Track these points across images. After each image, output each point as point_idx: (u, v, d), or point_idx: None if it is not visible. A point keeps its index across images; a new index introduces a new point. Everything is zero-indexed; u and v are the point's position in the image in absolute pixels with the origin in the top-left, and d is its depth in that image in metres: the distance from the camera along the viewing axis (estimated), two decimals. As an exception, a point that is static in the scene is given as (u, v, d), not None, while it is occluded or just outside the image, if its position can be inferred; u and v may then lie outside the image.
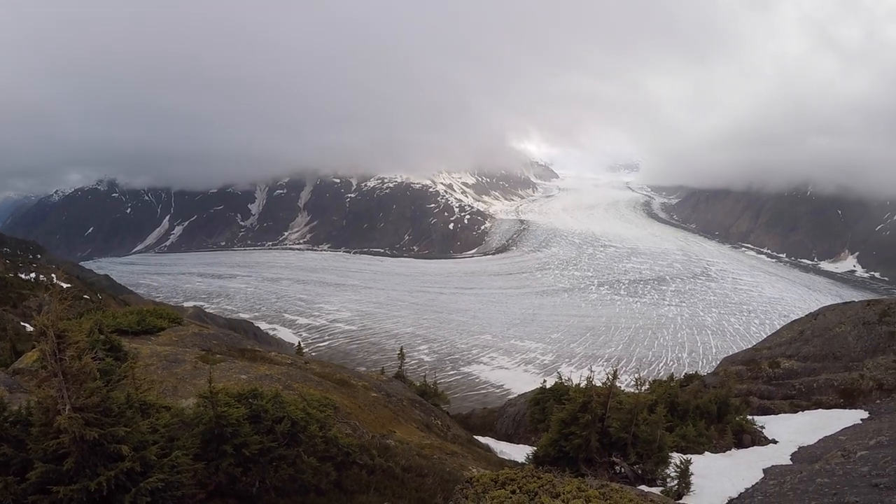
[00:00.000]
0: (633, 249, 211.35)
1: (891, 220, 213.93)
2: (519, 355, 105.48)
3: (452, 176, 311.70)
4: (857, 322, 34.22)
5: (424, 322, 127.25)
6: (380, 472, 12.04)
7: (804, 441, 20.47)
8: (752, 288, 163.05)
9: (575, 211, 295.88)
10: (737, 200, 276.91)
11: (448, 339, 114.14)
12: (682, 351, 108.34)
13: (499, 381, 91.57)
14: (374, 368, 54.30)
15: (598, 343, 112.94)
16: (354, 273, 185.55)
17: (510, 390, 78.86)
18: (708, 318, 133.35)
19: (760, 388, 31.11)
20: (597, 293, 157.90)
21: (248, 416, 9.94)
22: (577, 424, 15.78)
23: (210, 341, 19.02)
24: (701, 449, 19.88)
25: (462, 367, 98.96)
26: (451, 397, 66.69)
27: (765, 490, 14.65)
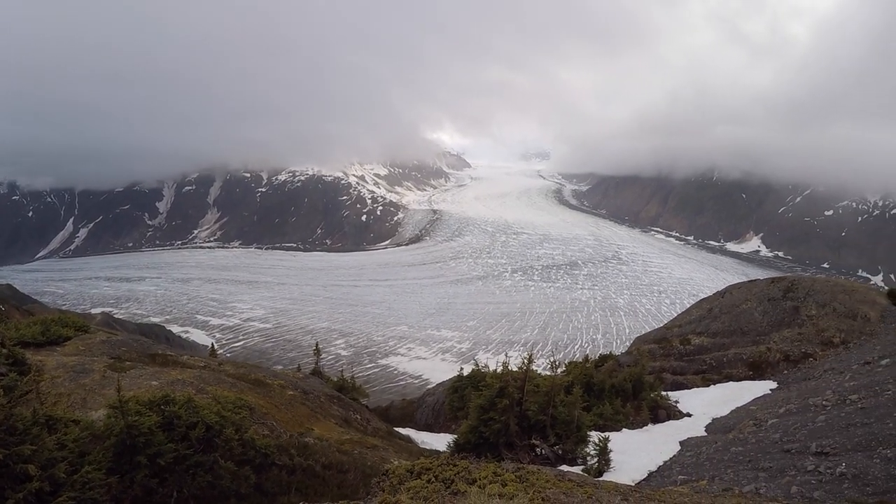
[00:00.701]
0: (545, 236, 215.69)
1: (792, 203, 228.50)
2: (436, 345, 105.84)
3: (364, 167, 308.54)
4: (762, 298, 35.92)
5: (340, 316, 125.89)
6: (300, 471, 11.61)
7: (717, 413, 21.19)
8: (661, 269, 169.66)
9: (487, 200, 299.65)
10: (645, 186, 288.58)
11: (364, 332, 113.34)
12: (596, 332, 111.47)
13: (417, 372, 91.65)
14: (292, 366, 53.12)
15: (514, 329, 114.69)
16: (267, 270, 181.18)
17: (429, 380, 79.09)
18: (620, 299, 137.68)
19: (673, 364, 32.14)
20: (511, 280, 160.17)
21: (161, 423, 9.39)
22: (495, 410, 15.78)
23: (119, 348, 17.94)
24: (619, 426, 20.26)
25: (380, 359, 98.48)
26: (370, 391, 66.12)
27: (682, 461, 14.97)
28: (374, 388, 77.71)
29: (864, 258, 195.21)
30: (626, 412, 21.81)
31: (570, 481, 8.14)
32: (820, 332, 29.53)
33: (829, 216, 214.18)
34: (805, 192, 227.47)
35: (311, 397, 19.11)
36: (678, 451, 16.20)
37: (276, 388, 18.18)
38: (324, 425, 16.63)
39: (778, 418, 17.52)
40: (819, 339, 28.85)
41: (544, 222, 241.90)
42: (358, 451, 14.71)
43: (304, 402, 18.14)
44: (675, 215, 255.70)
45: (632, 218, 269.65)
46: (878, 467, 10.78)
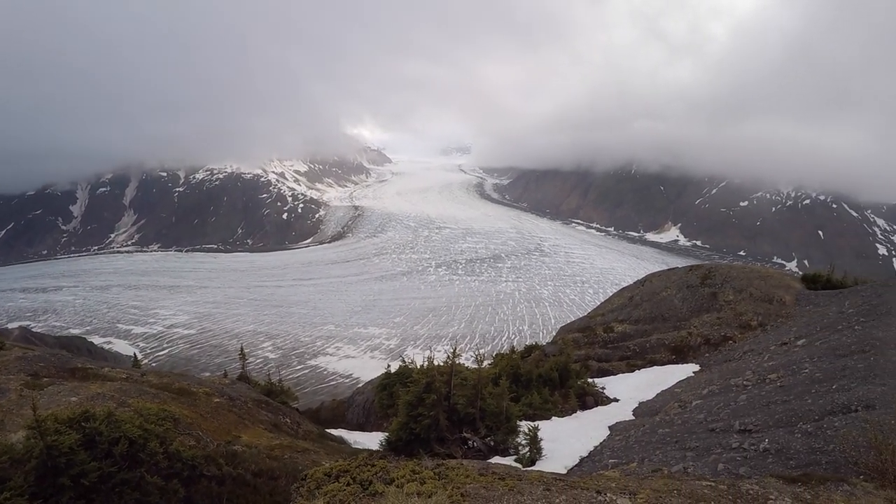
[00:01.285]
0: (468, 230, 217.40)
1: (709, 195, 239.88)
2: (364, 342, 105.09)
3: (284, 164, 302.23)
4: (681, 286, 37.14)
5: (265, 318, 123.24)
6: (230, 480, 11.24)
7: (643, 397, 21.76)
8: (584, 260, 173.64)
9: (409, 195, 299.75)
10: (566, 179, 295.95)
11: (291, 334, 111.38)
12: (522, 324, 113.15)
13: (347, 371, 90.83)
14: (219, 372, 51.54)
15: (441, 323, 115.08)
16: (188, 273, 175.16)
17: (359, 378, 78.42)
18: (544, 291, 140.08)
19: (598, 352, 32.80)
20: (435, 274, 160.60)
21: (82, 441, 8.92)
22: (423, 405, 15.77)
23: (36, 364, 16.99)
24: (548, 414, 20.52)
25: (308, 360, 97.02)
26: (301, 393, 64.88)
27: (612, 445, 15.28)
28: (305, 390, 76.63)
29: (778, 245, 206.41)
30: (555, 401, 22.12)
31: (494, 474, 8.14)
32: (738, 315, 30.70)
33: (745, 206, 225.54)
34: (721, 184, 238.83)
35: (238, 403, 18.64)
36: (608, 436, 16.53)
37: (202, 396, 17.65)
38: (252, 432, 16.25)
39: (702, 399, 18.12)
40: (737, 322, 29.98)
41: (467, 216, 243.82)
42: (289, 455, 14.42)
43: (231, 408, 17.67)
44: (596, 207, 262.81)
45: (553, 211, 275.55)
46: (799, 441, 11.25)
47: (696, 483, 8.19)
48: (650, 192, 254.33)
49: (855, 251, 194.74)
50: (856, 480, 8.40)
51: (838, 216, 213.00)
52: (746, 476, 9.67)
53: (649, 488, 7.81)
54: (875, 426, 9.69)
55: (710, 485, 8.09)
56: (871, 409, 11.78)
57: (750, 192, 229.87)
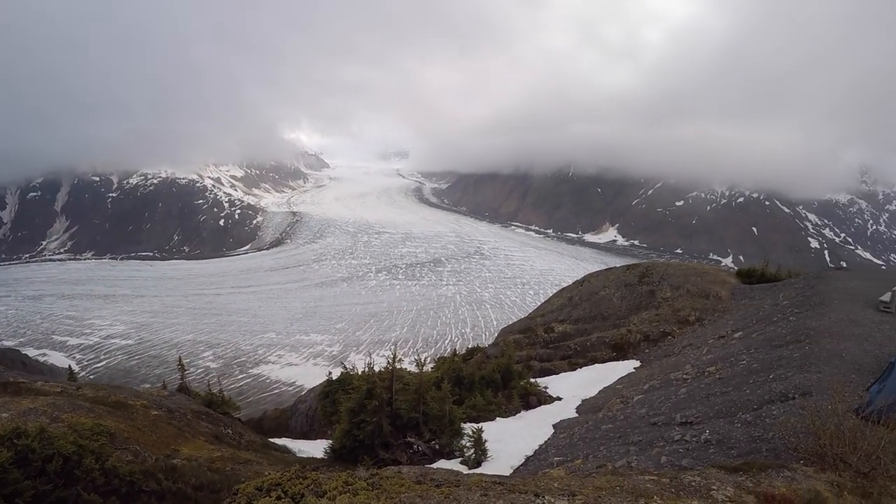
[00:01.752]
0: (407, 234, 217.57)
1: (646, 195, 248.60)
2: (306, 350, 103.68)
3: (220, 169, 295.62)
4: (619, 284, 37.81)
5: (205, 327, 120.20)
6: (170, 496, 10.80)
7: (586, 394, 21.94)
8: (524, 262, 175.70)
9: (347, 200, 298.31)
10: (505, 182, 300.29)
11: (232, 342, 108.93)
12: (464, 327, 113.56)
13: (290, 379, 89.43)
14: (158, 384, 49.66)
15: (383, 328, 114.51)
16: (124, 281, 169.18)
17: (303, 386, 77.23)
18: (485, 293, 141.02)
19: (539, 352, 33.05)
20: (376, 280, 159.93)
21: (14, 459, 8.56)
22: (365, 412, 15.63)
23: None
24: (492, 416, 20.49)
25: (250, 369, 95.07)
26: (243, 402, 63.29)
27: (557, 443, 15.30)
28: (248, 400, 75.25)
29: (714, 242, 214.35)
30: (498, 402, 22.13)
31: (431, 481, 7.98)
32: (676, 312, 31.36)
33: (681, 206, 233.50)
34: (658, 185, 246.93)
35: (178, 415, 18.04)
36: (552, 434, 16.57)
37: (139, 408, 17.02)
38: (193, 444, 15.71)
39: (643, 394, 18.36)
40: (675, 318, 30.61)
41: (406, 221, 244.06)
42: (230, 467, 14.00)
43: (170, 421, 17.09)
44: (535, 210, 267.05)
45: (492, 214, 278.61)
46: (739, 431, 11.43)
47: (640, 478, 8.18)
48: (588, 193, 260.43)
49: (788, 245, 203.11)
50: (796, 465, 8.54)
51: (771, 213, 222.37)
52: (689, 468, 9.73)
53: (591, 486, 7.75)
54: (812, 412, 9.89)
55: (652, 479, 8.08)
56: (808, 396, 12.08)
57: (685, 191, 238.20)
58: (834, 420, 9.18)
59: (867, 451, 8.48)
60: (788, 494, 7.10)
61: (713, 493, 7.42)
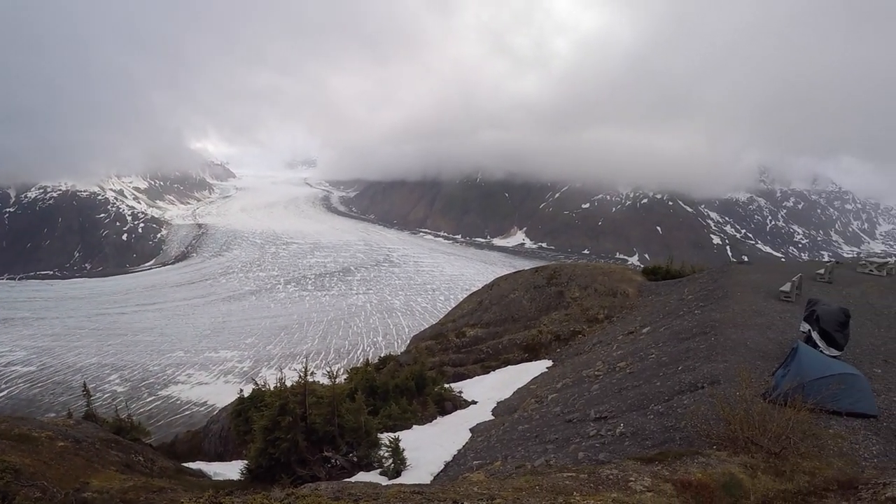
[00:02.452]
0: (315, 244, 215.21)
1: (552, 199, 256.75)
2: (216, 367, 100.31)
3: (123, 181, 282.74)
4: (529, 287, 38.46)
5: (110, 349, 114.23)
6: None
7: (501, 396, 22.09)
8: (433, 268, 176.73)
9: (254, 210, 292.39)
10: (413, 190, 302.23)
11: (139, 364, 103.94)
12: (376, 335, 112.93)
13: (201, 399, 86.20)
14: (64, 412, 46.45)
15: (294, 341, 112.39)
16: (23, 303, 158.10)
17: (214, 406, 74.65)
18: (396, 301, 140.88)
19: (452, 357, 33.12)
20: (285, 291, 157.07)
21: None
22: (280, 429, 15.22)
23: None
24: (409, 424, 20.34)
25: (159, 390, 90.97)
26: (155, 426, 60.60)
27: (475, 447, 15.30)
28: (159, 423, 71.84)
29: (620, 242, 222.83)
30: (414, 409, 21.99)
31: (350, 496, 7.79)
32: (585, 311, 32.11)
33: (587, 208, 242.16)
34: (564, 189, 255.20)
35: (86, 445, 16.98)
36: (470, 438, 16.58)
37: (44, 440, 15.90)
38: (103, 475, 14.81)
39: (557, 393, 18.63)
40: (585, 317, 31.34)
41: (314, 230, 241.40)
42: (144, 497, 13.24)
43: (78, 452, 16.06)
44: (443, 216, 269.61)
45: (401, 221, 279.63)
46: (652, 423, 11.73)
47: (558, 475, 8.21)
48: (496, 198, 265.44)
49: (691, 243, 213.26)
50: (710, 451, 8.80)
51: (674, 212, 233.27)
52: (606, 461, 9.88)
53: (511, 488, 7.72)
54: (721, 399, 10.25)
55: (571, 475, 8.13)
56: (717, 385, 12.54)
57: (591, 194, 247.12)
58: (743, 405, 9.57)
59: (776, 432, 8.89)
60: (704, 479, 7.28)
61: (631, 485, 7.52)
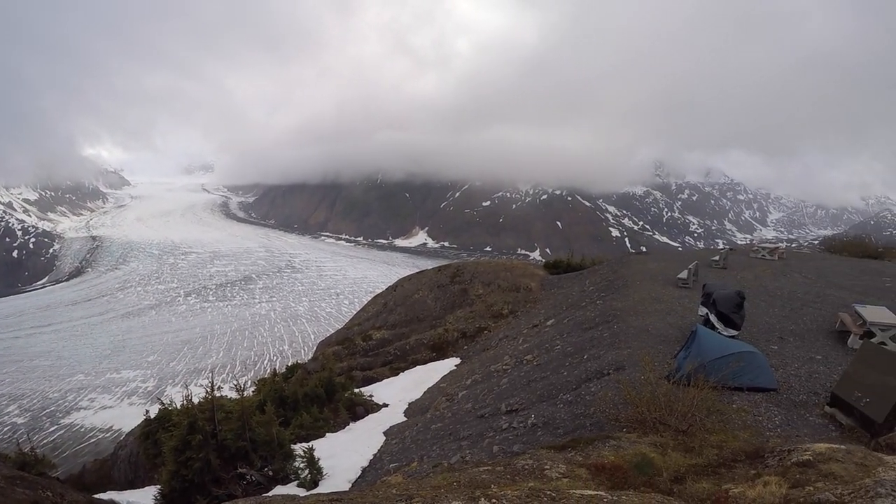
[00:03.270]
0: (215, 253, 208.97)
1: (452, 198, 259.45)
2: (119, 389, 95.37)
3: (11, 192, 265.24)
4: (433, 286, 38.74)
5: (5, 377, 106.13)
6: None
7: (412, 397, 22.13)
8: (336, 273, 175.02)
9: (150, 220, 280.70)
10: (313, 193, 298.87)
11: (38, 391, 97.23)
12: (282, 344, 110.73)
13: (106, 424, 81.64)
14: None
15: (198, 355, 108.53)
16: None
17: (121, 430, 70.84)
18: (300, 307, 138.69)
19: (360, 361, 32.94)
20: (185, 304, 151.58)
21: None
22: (190, 448, 14.69)
23: None
24: (322, 432, 20.08)
25: (62, 419, 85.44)
26: (59, 458, 57.23)
27: (390, 450, 15.28)
28: (65, 454, 67.23)
29: (521, 238, 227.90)
30: (326, 417, 21.74)
31: None
32: (489, 307, 32.60)
33: (488, 206, 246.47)
34: (464, 188, 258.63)
35: None
36: (385, 441, 16.52)
37: None
38: None
39: (467, 389, 18.82)
40: (490, 313, 31.82)
41: (213, 239, 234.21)
42: None
43: None
44: (344, 219, 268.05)
45: (301, 225, 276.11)
46: (563, 411, 12.04)
47: (475, 470, 8.29)
48: (397, 199, 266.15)
49: (591, 236, 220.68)
50: (620, 434, 9.10)
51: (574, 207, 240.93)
52: (521, 452, 10.05)
53: (429, 487, 7.74)
54: (627, 384, 10.65)
55: (487, 469, 8.22)
56: (622, 371, 13.01)
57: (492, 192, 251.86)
58: (648, 388, 10.00)
59: (682, 411, 9.34)
60: (617, 461, 7.52)
61: (547, 472, 7.67)
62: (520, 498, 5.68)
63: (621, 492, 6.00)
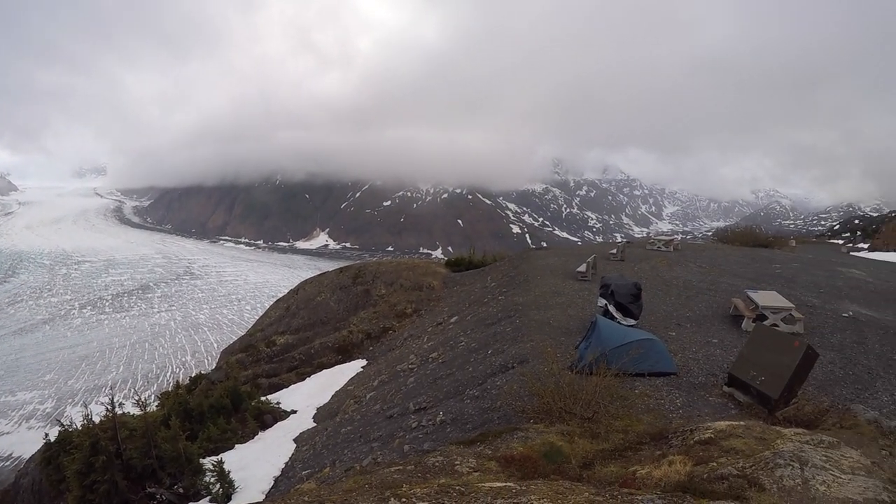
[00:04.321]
0: (110, 261, 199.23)
1: (353, 198, 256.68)
2: (15, 412, 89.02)
3: None
4: (335, 288, 38.48)
5: None
6: None
7: (320, 402, 21.87)
8: (237, 278, 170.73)
9: (40, 227, 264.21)
10: (211, 195, 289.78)
11: None
12: (184, 355, 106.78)
13: (5, 452, 75.86)
14: None
15: (97, 371, 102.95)
16: None
17: (22, 457, 66.16)
18: (201, 315, 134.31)
19: (265, 368, 32.32)
20: (81, 317, 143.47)
21: None
22: (95, 470, 14.08)
23: None
24: (230, 444, 19.57)
25: None
26: None
27: (302, 457, 15.10)
28: None
29: (423, 237, 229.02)
30: (234, 428, 21.19)
31: None
32: (393, 306, 32.64)
33: (389, 206, 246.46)
34: (365, 188, 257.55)
35: None
36: (296, 449, 16.32)
37: None
38: None
39: (375, 391, 18.80)
40: (393, 313, 31.85)
41: (107, 246, 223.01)
42: None
43: None
44: (243, 222, 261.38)
45: (199, 229, 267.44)
46: (470, 407, 12.21)
47: (387, 471, 8.31)
48: (297, 200, 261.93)
49: (492, 233, 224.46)
50: (528, 425, 9.33)
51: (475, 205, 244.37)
52: (431, 450, 10.13)
53: (341, 491, 7.70)
54: (531, 376, 10.92)
55: (399, 468, 8.26)
56: (526, 364, 13.32)
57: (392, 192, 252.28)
58: (552, 379, 10.29)
59: (586, 399, 9.67)
60: (526, 451, 7.70)
61: (457, 468, 7.77)
62: (430, 495, 5.74)
63: (530, 481, 6.15)
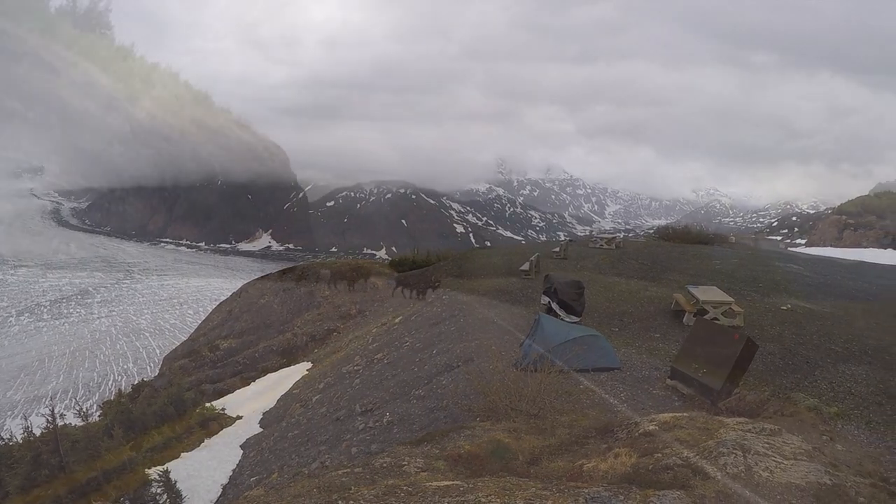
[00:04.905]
0: (48, 265, 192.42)
1: (296, 199, 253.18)
2: None
3: None
4: (278, 290, 38.21)
5: None
6: None
7: (266, 406, 21.57)
8: (178, 281, 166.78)
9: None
10: (150, 196, 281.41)
11: None
12: (126, 362, 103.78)
13: None
14: None
15: (37, 381, 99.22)
16: None
17: None
18: (142, 320, 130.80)
19: (209, 373, 31.78)
20: (18, 324, 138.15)
21: None
22: (38, 486, 13.60)
23: None
24: (176, 452, 19.17)
25: None
26: None
27: (250, 463, 14.93)
28: None
29: (367, 237, 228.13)
30: (179, 436, 20.81)
31: None
32: (337, 308, 32.52)
33: (332, 206, 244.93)
34: (308, 188, 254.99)
35: None
36: (242, 455, 16.08)
37: None
38: None
39: (321, 394, 18.66)
40: (338, 314, 31.73)
41: (45, 250, 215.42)
42: None
43: None
44: (184, 223, 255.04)
45: (139, 232, 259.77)
46: (416, 407, 12.25)
47: (334, 474, 8.28)
48: (239, 201, 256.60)
49: (437, 233, 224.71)
50: (474, 424, 9.41)
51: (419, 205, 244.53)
52: (378, 451, 10.13)
53: (289, 496, 7.65)
54: (476, 375, 11.02)
55: (346, 471, 8.24)
56: (470, 362, 13.41)
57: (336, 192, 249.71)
58: (497, 377, 10.39)
59: (532, 395, 9.77)
60: (473, 449, 7.76)
61: (405, 468, 7.80)
62: (377, 497, 5.75)
63: (478, 479, 6.21)
